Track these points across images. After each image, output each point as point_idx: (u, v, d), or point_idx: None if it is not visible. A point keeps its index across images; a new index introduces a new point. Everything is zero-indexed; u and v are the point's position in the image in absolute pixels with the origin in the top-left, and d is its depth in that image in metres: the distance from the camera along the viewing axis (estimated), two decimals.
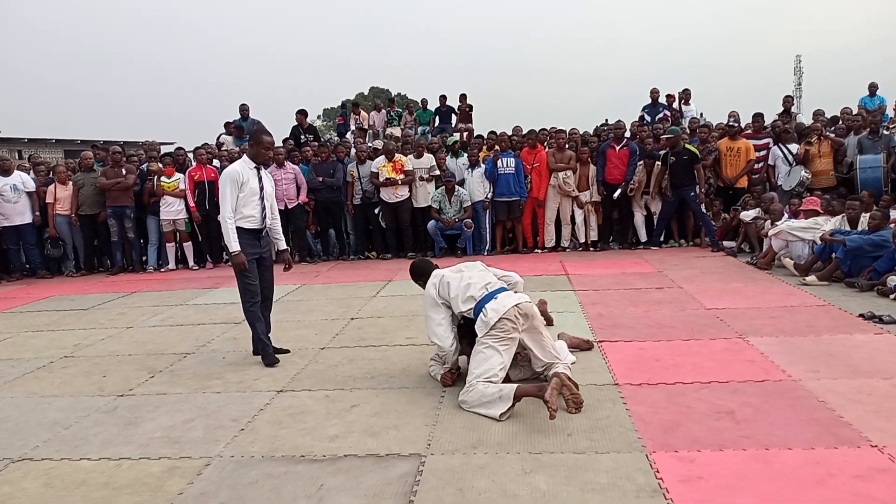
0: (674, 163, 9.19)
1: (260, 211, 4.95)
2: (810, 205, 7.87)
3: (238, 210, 4.86)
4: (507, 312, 3.88)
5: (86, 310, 7.43)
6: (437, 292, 4.25)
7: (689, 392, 3.93)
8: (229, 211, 4.82)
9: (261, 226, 5.00)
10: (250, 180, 4.89)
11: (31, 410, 4.27)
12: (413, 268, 4.62)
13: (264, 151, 5.02)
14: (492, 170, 9.69)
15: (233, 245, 4.82)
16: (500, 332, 3.87)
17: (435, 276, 4.36)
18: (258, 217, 4.96)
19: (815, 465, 2.96)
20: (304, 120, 12.86)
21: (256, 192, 4.92)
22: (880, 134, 9.13)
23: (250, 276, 4.95)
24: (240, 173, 4.86)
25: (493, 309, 3.92)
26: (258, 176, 4.96)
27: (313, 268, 9.72)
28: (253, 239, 4.97)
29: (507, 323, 3.88)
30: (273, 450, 3.46)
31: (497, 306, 3.93)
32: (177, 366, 5.09)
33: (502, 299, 3.97)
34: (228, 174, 4.87)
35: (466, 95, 14.96)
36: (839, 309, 5.71)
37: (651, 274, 7.76)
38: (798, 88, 45.66)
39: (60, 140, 31.90)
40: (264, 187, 4.99)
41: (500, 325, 3.87)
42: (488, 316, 3.91)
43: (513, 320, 3.89)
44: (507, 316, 3.88)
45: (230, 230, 4.81)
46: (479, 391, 3.76)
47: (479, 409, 3.74)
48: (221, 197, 4.87)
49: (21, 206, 9.72)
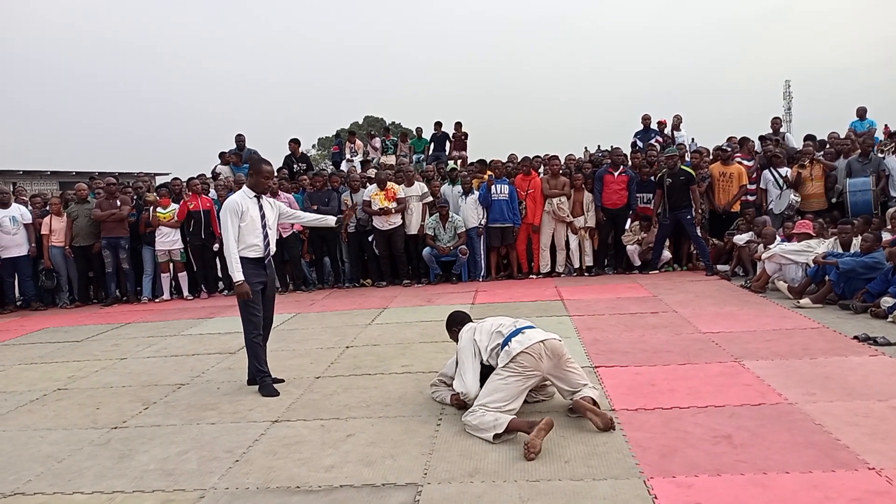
0: (670, 185, 9.25)
1: (262, 239, 4.96)
2: (803, 228, 7.92)
3: (241, 240, 4.87)
4: (531, 348, 3.86)
5: (80, 341, 7.39)
6: (474, 338, 4.17)
7: (685, 417, 3.93)
8: (233, 241, 4.83)
9: (264, 254, 5.00)
10: (250, 209, 4.92)
11: (23, 444, 4.23)
12: (451, 318, 4.56)
13: (264, 180, 5.02)
14: (486, 196, 9.75)
15: (237, 275, 4.82)
16: (518, 367, 3.85)
17: (469, 327, 4.33)
18: (261, 245, 4.96)
19: (813, 489, 2.95)
20: (297, 148, 12.94)
21: (258, 221, 4.93)
22: (870, 157, 9.24)
23: (255, 307, 4.96)
24: (239, 203, 4.88)
25: (517, 341, 3.91)
26: (258, 205, 4.98)
27: (308, 296, 9.71)
28: (257, 268, 4.97)
29: (527, 357, 3.85)
30: (268, 481, 3.43)
31: (523, 339, 3.92)
32: (171, 397, 5.05)
33: (529, 334, 3.96)
34: (228, 205, 4.90)
35: (462, 123, 15.10)
36: (834, 331, 5.72)
37: (646, 298, 7.78)
38: (788, 113, 46.23)
39: (56, 172, 31.95)
40: (266, 215, 5.00)
41: (521, 358, 3.84)
42: (511, 347, 3.89)
43: (534, 356, 3.86)
44: (530, 351, 3.86)
45: (234, 260, 4.82)
46: (478, 417, 3.79)
47: (476, 433, 3.79)
48: (223, 228, 4.90)
49: (19, 238, 9.75)
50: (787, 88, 48.86)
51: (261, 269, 5.00)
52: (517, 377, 3.86)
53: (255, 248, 4.94)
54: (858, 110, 12.91)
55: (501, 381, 3.87)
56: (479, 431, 3.77)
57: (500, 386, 3.86)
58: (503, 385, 3.85)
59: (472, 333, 4.20)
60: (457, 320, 4.51)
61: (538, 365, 3.89)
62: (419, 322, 7.09)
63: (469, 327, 4.31)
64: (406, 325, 7.05)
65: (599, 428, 3.75)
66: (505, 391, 3.84)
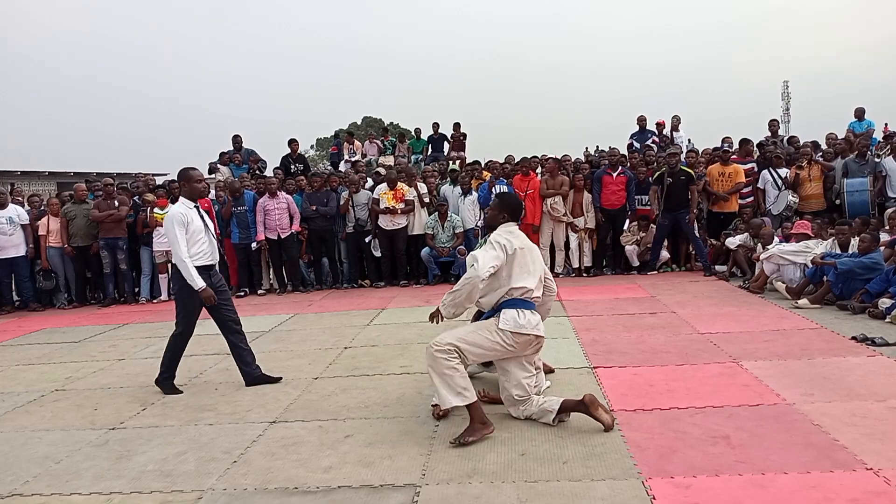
0: (671, 184, 9.25)
1: (209, 245, 5.09)
2: (801, 228, 7.93)
3: (191, 249, 4.97)
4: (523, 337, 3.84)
5: (77, 342, 7.38)
6: (511, 246, 3.89)
7: (684, 417, 3.93)
8: (185, 251, 4.93)
9: (212, 261, 5.12)
10: (194, 220, 5.02)
11: (21, 445, 4.22)
12: (510, 202, 4.21)
13: (196, 185, 5.19)
14: (486, 196, 9.75)
15: (197, 282, 4.93)
16: (511, 343, 3.82)
17: (517, 231, 4.08)
18: (209, 252, 5.09)
19: (811, 490, 2.96)
20: (296, 149, 12.95)
21: (202, 230, 5.05)
22: (867, 158, 9.25)
23: (192, 318, 5.14)
24: (184, 214, 4.98)
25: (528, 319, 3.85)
26: (199, 213, 5.10)
27: (306, 297, 9.70)
28: (205, 274, 5.07)
29: (525, 340, 3.84)
30: (266, 482, 3.42)
31: (533, 320, 3.88)
32: (169, 398, 5.05)
33: (530, 318, 3.89)
34: (173, 217, 4.98)
35: (460, 124, 15.10)
36: (832, 332, 5.73)
37: (644, 299, 7.78)
38: (786, 113, 46.33)
39: (54, 172, 31.92)
40: (206, 223, 5.14)
41: (520, 338, 3.83)
42: (522, 321, 3.82)
43: (513, 345, 3.83)
44: (520, 337, 3.83)
45: (191, 268, 4.91)
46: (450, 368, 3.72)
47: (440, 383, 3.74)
48: (172, 240, 5.00)
49: (16, 239, 9.72)
50: (785, 89, 49.01)
51: (208, 276, 5.10)
52: (501, 348, 3.84)
53: (204, 256, 5.05)
54: (857, 111, 12.91)
55: (488, 338, 3.82)
56: (444, 381, 3.72)
57: (484, 342, 3.82)
58: (487, 343, 3.82)
59: (515, 245, 3.90)
60: (512, 206, 4.17)
61: (524, 350, 3.88)
62: (417, 323, 7.08)
63: (517, 234, 4.03)
64: (404, 326, 7.04)
65: (608, 425, 3.73)
66: (483, 349, 3.83)
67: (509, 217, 4.09)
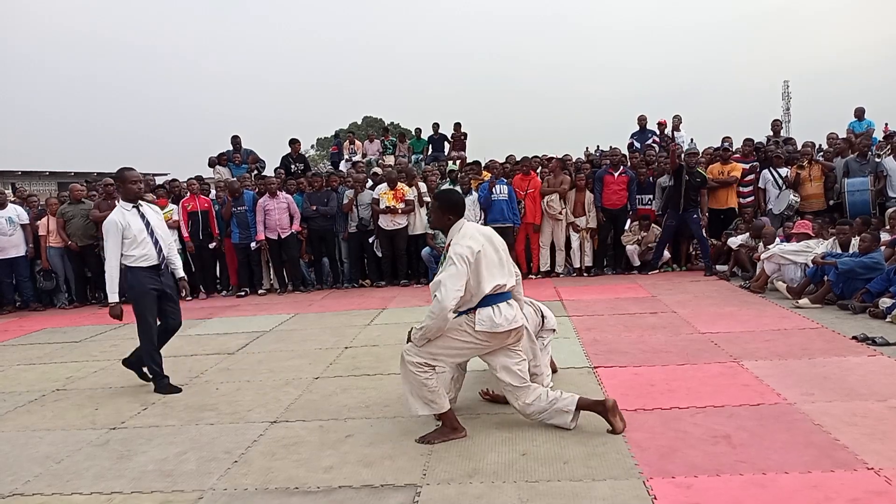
0: (687, 181, 9.21)
1: (153, 247, 5.04)
2: (802, 228, 7.92)
3: (132, 253, 4.96)
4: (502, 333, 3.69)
5: (78, 342, 7.38)
6: (472, 252, 3.61)
7: (684, 417, 3.93)
8: (113, 261, 4.94)
9: (157, 261, 5.08)
10: (132, 223, 4.97)
11: (22, 445, 4.22)
12: (448, 198, 3.90)
13: (131, 186, 5.08)
14: (486, 196, 9.74)
15: (112, 296, 4.97)
16: (484, 341, 3.70)
17: (469, 230, 3.75)
18: (153, 254, 5.04)
19: (812, 489, 2.95)
20: (297, 148, 12.95)
21: (143, 230, 5.00)
22: (868, 157, 9.24)
23: (149, 316, 5.08)
24: (118, 222, 4.94)
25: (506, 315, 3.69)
26: (140, 214, 5.04)
27: (307, 297, 9.70)
28: (153, 275, 5.06)
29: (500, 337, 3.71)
30: (267, 482, 3.42)
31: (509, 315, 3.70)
32: (169, 398, 5.04)
33: (506, 313, 3.71)
34: (107, 225, 4.97)
35: (461, 124, 15.11)
36: (832, 331, 5.73)
37: (645, 299, 7.78)
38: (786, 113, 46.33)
39: (54, 172, 31.96)
40: (150, 222, 5.06)
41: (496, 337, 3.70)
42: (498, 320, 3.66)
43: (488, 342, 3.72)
44: (497, 336, 3.69)
45: (112, 282, 4.95)
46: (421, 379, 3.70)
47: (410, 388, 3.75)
48: (105, 248, 5.01)
49: (16, 239, 9.72)
50: (785, 89, 48.99)
51: (156, 276, 5.08)
52: (476, 347, 3.73)
53: (148, 258, 5.02)
54: (856, 111, 12.91)
55: (462, 340, 3.70)
56: (414, 390, 3.72)
57: (458, 344, 3.71)
58: (460, 344, 3.71)
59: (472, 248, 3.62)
60: (454, 204, 3.86)
61: (503, 343, 3.75)
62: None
63: (471, 234, 3.71)
64: (405, 326, 6.97)
65: (619, 430, 3.70)
66: (457, 350, 3.74)
67: (455, 215, 3.82)
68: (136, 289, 5.00)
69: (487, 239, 3.76)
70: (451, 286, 3.53)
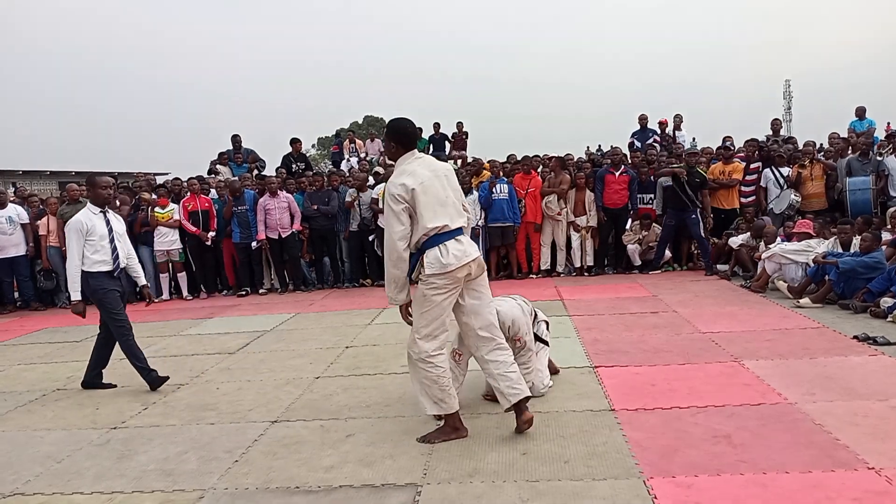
0: (686, 182, 9.20)
1: (111, 253, 5.12)
2: (803, 228, 7.92)
3: (91, 256, 5.03)
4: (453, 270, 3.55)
5: (79, 342, 7.37)
6: (406, 189, 3.49)
7: (685, 417, 3.92)
8: (76, 260, 5.01)
9: (114, 267, 5.15)
10: (96, 226, 5.06)
11: (23, 444, 4.23)
12: (400, 128, 3.71)
13: (101, 191, 5.18)
14: (487, 196, 9.74)
15: (73, 294, 5.05)
16: (449, 282, 3.59)
17: (410, 167, 3.60)
18: (110, 260, 5.12)
19: (813, 489, 2.95)
20: (298, 148, 12.94)
21: (106, 237, 5.10)
22: (870, 156, 9.23)
23: (117, 311, 5.15)
24: (83, 223, 5.02)
25: (455, 252, 3.56)
26: (105, 219, 5.13)
27: (308, 296, 9.70)
28: (112, 279, 5.15)
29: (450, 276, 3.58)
30: (267, 481, 3.42)
31: (450, 255, 3.54)
32: (170, 397, 5.05)
33: (454, 250, 3.57)
34: (72, 225, 5.04)
35: (463, 123, 15.12)
36: (833, 331, 5.72)
37: (646, 298, 7.77)
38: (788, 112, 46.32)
39: (55, 172, 31.94)
40: (113, 229, 5.15)
41: (444, 278, 3.57)
42: (448, 259, 3.53)
43: (448, 284, 3.61)
44: (450, 275, 3.57)
45: (75, 280, 5.01)
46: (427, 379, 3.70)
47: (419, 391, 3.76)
48: (68, 248, 5.08)
49: (16, 238, 9.73)
50: (787, 88, 48.99)
51: (115, 279, 5.18)
52: (444, 296, 3.61)
53: (105, 263, 5.10)
54: (857, 110, 12.89)
55: (429, 303, 3.61)
56: (424, 389, 3.72)
57: (431, 310, 3.63)
58: (432, 307, 3.62)
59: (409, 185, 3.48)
60: (401, 132, 3.68)
61: (462, 281, 3.63)
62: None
63: (411, 170, 3.56)
64: (406, 326, 6.98)
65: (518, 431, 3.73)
66: (437, 314, 3.66)
67: (403, 146, 3.66)
68: (98, 290, 5.08)
69: (435, 174, 3.63)
70: (390, 227, 3.56)
